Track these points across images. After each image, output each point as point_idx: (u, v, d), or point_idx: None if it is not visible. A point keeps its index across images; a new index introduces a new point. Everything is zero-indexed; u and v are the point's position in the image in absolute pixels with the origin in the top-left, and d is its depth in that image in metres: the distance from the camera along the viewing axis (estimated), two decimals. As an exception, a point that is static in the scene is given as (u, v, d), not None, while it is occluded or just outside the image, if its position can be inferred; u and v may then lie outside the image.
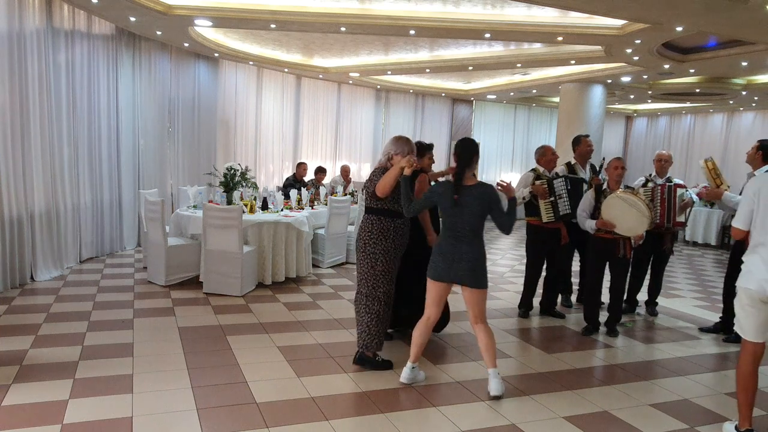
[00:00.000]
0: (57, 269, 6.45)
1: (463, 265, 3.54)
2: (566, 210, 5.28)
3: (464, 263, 3.54)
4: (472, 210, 3.54)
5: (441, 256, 3.62)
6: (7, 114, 5.63)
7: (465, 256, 3.55)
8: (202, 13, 7.14)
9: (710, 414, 3.61)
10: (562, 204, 5.26)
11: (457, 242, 3.58)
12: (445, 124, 14.87)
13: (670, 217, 5.43)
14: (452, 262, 3.57)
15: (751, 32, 6.50)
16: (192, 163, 9.76)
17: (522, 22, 7.21)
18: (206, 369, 3.84)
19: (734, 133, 13.94)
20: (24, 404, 3.20)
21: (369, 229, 3.95)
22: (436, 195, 3.67)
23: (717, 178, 5.00)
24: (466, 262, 3.54)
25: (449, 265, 3.58)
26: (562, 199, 5.26)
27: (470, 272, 3.54)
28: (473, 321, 3.67)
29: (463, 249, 3.56)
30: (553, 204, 5.26)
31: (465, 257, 3.55)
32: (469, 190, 3.58)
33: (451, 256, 3.58)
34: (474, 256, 3.55)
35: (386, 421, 3.23)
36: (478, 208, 3.55)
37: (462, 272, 3.55)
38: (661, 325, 5.69)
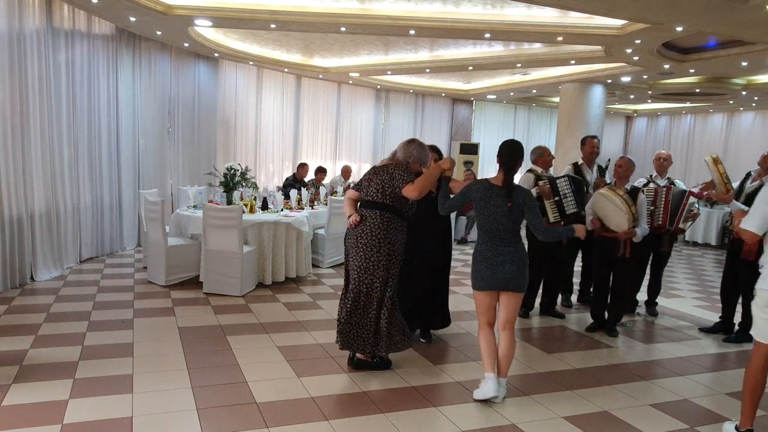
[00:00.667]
0: (57, 269, 6.45)
1: (508, 267, 3.44)
2: (573, 209, 5.22)
3: (508, 266, 3.44)
4: (516, 214, 3.47)
5: (484, 261, 3.50)
6: (7, 114, 5.63)
7: (510, 257, 3.45)
8: (202, 13, 7.14)
9: (710, 414, 3.61)
10: (568, 203, 5.22)
11: (501, 245, 3.48)
12: (445, 124, 14.87)
13: (673, 220, 5.40)
14: (497, 266, 3.46)
15: (751, 32, 6.50)
16: (192, 163, 9.76)
17: (522, 22, 7.21)
18: (206, 369, 3.84)
19: (734, 133, 13.94)
20: (24, 404, 3.20)
21: (384, 227, 3.77)
22: (472, 193, 3.57)
23: (727, 183, 4.93)
24: (511, 264, 3.44)
25: (494, 271, 3.46)
26: (567, 198, 5.23)
27: (518, 272, 3.45)
28: (503, 325, 3.57)
29: (508, 251, 3.47)
30: (558, 204, 5.24)
31: (510, 259, 3.45)
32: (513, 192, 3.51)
33: (495, 260, 3.46)
34: (518, 258, 3.48)
35: (386, 421, 3.23)
36: (519, 212, 3.49)
37: (509, 275, 3.44)
38: (661, 325, 5.69)
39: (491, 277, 3.46)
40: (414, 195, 3.71)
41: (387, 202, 3.81)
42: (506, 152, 3.57)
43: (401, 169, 3.81)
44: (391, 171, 3.83)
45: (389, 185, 3.79)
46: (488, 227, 3.50)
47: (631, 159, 5.12)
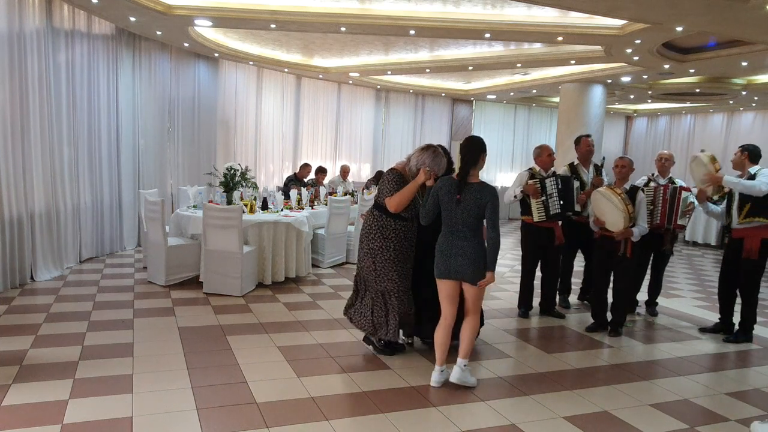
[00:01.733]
0: (57, 269, 6.45)
1: (460, 260, 3.59)
2: (556, 210, 5.29)
3: (460, 258, 3.59)
4: (468, 207, 3.57)
5: (440, 252, 3.68)
6: (7, 114, 5.63)
7: (461, 251, 3.59)
8: (202, 13, 7.14)
9: (710, 414, 3.61)
10: (553, 203, 5.28)
11: (455, 239, 3.61)
12: (445, 124, 14.87)
13: (671, 218, 5.43)
14: (450, 257, 3.62)
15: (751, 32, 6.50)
16: (192, 163, 9.76)
17: (522, 22, 7.21)
18: (206, 369, 3.84)
19: (734, 133, 13.94)
20: (24, 404, 3.20)
21: (370, 223, 4.12)
22: (438, 190, 3.70)
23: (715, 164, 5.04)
24: (462, 257, 3.58)
25: (447, 261, 3.63)
26: (552, 198, 5.28)
27: (470, 266, 3.57)
28: (466, 312, 3.72)
29: (460, 245, 3.60)
30: (544, 203, 5.28)
31: (461, 252, 3.59)
32: (469, 187, 3.61)
33: (449, 251, 3.63)
34: (471, 251, 3.58)
35: (386, 421, 3.23)
36: (474, 207, 3.57)
37: (461, 267, 3.59)
38: (661, 325, 5.69)
39: (445, 266, 3.65)
40: (391, 208, 3.97)
41: (380, 202, 4.11)
42: (464, 147, 3.72)
43: (390, 177, 4.05)
44: (385, 176, 4.11)
45: (381, 189, 4.09)
46: (446, 220, 3.66)
47: (631, 159, 5.14)
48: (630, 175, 5.11)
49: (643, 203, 4.99)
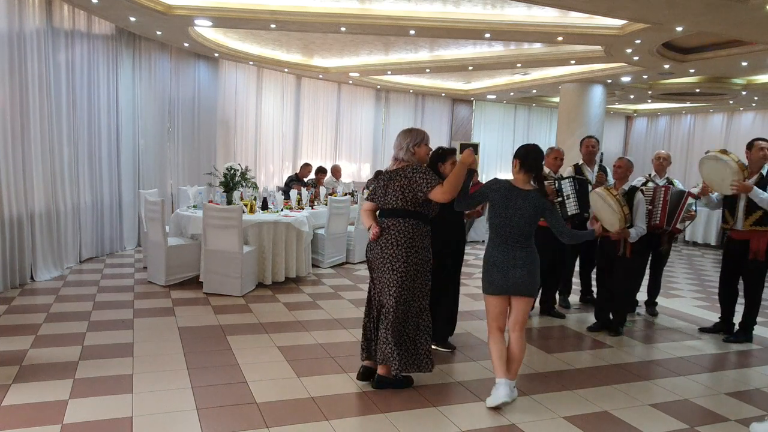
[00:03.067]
0: (57, 269, 6.45)
1: (519, 272, 3.38)
2: (574, 210, 5.23)
3: (519, 270, 3.39)
4: (525, 215, 3.40)
5: (495, 266, 3.43)
6: (7, 114, 5.63)
7: (519, 262, 3.39)
8: (202, 13, 7.14)
9: (710, 414, 3.61)
10: (570, 204, 5.23)
11: (511, 249, 3.42)
12: (445, 124, 14.87)
13: (671, 220, 5.36)
14: (507, 270, 3.40)
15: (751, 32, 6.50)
16: (192, 163, 9.76)
17: (522, 22, 7.21)
18: (206, 369, 3.84)
19: (734, 133, 13.94)
20: (24, 404, 3.20)
21: (410, 234, 3.48)
22: (491, 192, 3.50)
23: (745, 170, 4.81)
24: (521, 268, 3.39)
25: (504, 275, 3.40)
26: (569, 199, 5.23)
27: (529, 277, 3.40)
28: (512, 327, 3.50)
29: (517, 255, 3.40)
30: (561, 204, 5.24)
31: (519, 263, 3.39)
32: (526, 194, 3.45)
33: (505, 264, 3.41)
34: (529, 261, 3.42)
35: (386, 421, 3.23)
36: (532, 214, 3.41)
37: (519, 279, 3.38)
38: (661, 325, 5.69)
39: (503, 281, 3.40)
40: (447, 197, 3.43)
41: (409, 208, 3.50)
42: (532, 155, 3.50)
43: (420, 171, 3.48)
44: (409, 174, 3.48)
45: (409, 190, 3.46)
46: (502, 230, 3.44)
47: (630, 159, 5.13)
48: (629, 175, 5.10)
49: (641, 204, 4.97)
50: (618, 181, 5.07)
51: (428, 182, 3.45)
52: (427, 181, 3.45)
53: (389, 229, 3.53)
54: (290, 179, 9.10)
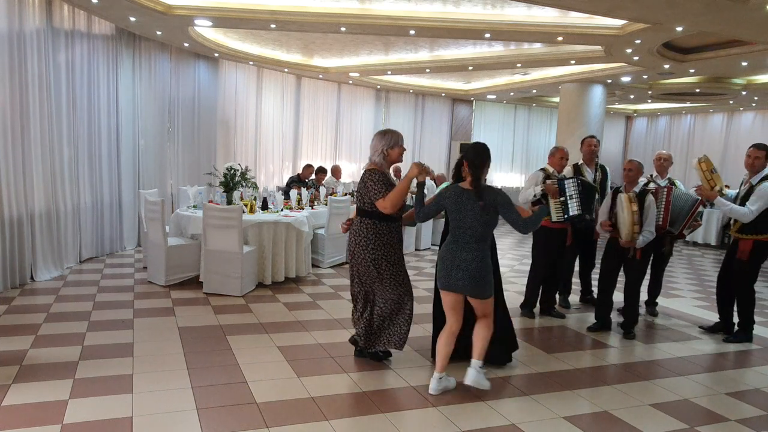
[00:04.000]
0: (57, 269, 6.45)
1: (461, 274, 3.45)
2: (576, 211, 5.15)
3: (462, 272, 3.45)
4: (476, 215, 3.44)
5: (442, 263, 3.57)
6: (7, 114, 5.63)
7: (463, 264, 3.46)
8: (202, 13, 7.15)
9: (710, 414, 3.61)
10: (572, 204, 5.16)
11: (459, 249, 3.49)
12: (445, 124, 14.88)
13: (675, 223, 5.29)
14: (450, 270, 3.50)
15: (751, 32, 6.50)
16: (192, 163, 9.77)
17: (522, 22, 7.22)
18: (206, 369, 3.84)
19: (734, 133, 13.95)
20: (24, 404, 3.20)
21: (365, 234, 3.84)
22: (444, 199, 3.58)
23: (710, 180, 5.00)
24: (464, 270, 3.45)
25: (449, 273, 3.51)
26: (572, 199, 5.15)
27: (470, 281, 3.44)
28: (478, 318, 3.62)
29: (463, 257, 3.47)
30: (563, 204, 5.20)
31: (463, 265, 3.45)
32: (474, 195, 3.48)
33: (450, 263, 3.50)
34: (474, 266, 3.43)
35: (386, 421, 3.23)
36: (484, 214, 3.44)
37: (462, 282, 3.46)
38: (661, 325, 5.69)
39: (446, 278, 3.54)
40: (388, 210, 3.72)
41: (366, 208, 3.85)
42: (472, 154, 3.55)
43: (374, 179, 3.77)
44: (365, 179, 3.83)
45: (364, 193, 3.83)
46: (455, 231, 3.52)
47: (640, 162, 5.10)
48: (639, 178, 5.09)
49: (652, 207, 4.91)
50: (628, 184, 5.05)
51: (376, 191, 3.76)
52: (376, 191, 3.76)
53: (353, 228, 3.95)
54: (291, 180, 9.11)
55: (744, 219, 4.79)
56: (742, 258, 4.95)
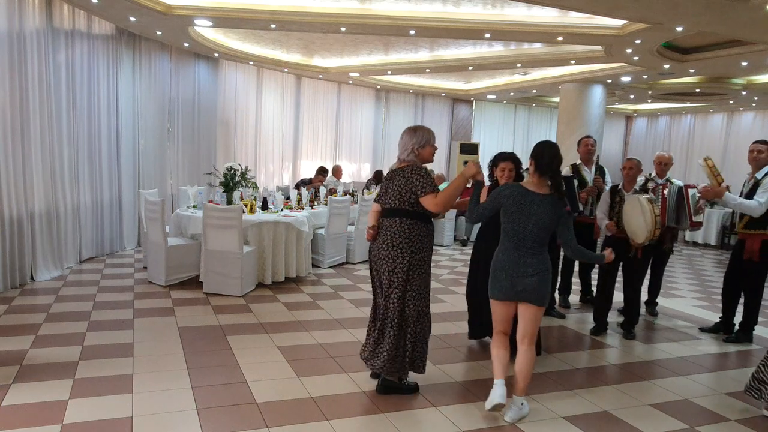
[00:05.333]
0: (57, 269, 6.45)
1: (529, 279, 3.22)
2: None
3: (529, 278, 3.22)
4: (541, 220, 3.23)
5: (504, 271, 3.28)
6: (7, 114, 5.63)
7: (530, 269, 3.23)
8: (202, 13, 7.14)
9: (710, 414, 3.61)
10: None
11: (523, 255, 3.25)
12: (445, 123, 14.87)
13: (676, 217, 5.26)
14: (516, 277, 3.24)
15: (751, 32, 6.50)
16: (192, 163, 9.76)
17: (522, 22, 7.21)
18: (206, 369, 3.84)
19: (734, 133, 13.94)
20: (24, 404, 3.20)
21: (407, 234, 3.43)
22: (503, 198, 3.31)
23: (718, 176, 4.97)
24: (532, 276, 3.22)
25: (513, 281, 3.25)
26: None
27: (539, 285, 3.23)
28: (521, 339, 3.32)
29: (529, 261, 3.24)
30: None
31: (530, 270, 3.23)
32: (543, 198, 3.27)
33: (515, 270, 3.24)
34: (541, 268, 3.25)
35: (386, 421, 3.23)
36: (548, 220, 3.24)
37: (529, 287, 3.22)
38: (661, 325, 5.69)
39: (510, 288, 3.26)
40: (438, 209, 3.40)
41: (406, 208, 3.45)
42: (548, 154, 3.31)
43: (419, 173, 3.44)
44: (407, 175, 3.45)
45: (407, 190, 3.43)
46: (515, 235, 3.26)
47: (639, 160, 5.11)
48: (638, 176, 5.09)
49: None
50: (628, 182, 5.05)
51: (424, 186, 3.41)
52: (423, 185, 3.41)
53: (386, 229, 3.51)
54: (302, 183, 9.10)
55: (754, 213, 4.73)
56: (752, 258, 4.91)
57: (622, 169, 5.13)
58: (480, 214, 3.40)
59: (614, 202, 5.07)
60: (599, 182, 5.70)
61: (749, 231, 4.91)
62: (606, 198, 5.15)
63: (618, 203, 5.04)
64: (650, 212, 4.63)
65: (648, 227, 4.64)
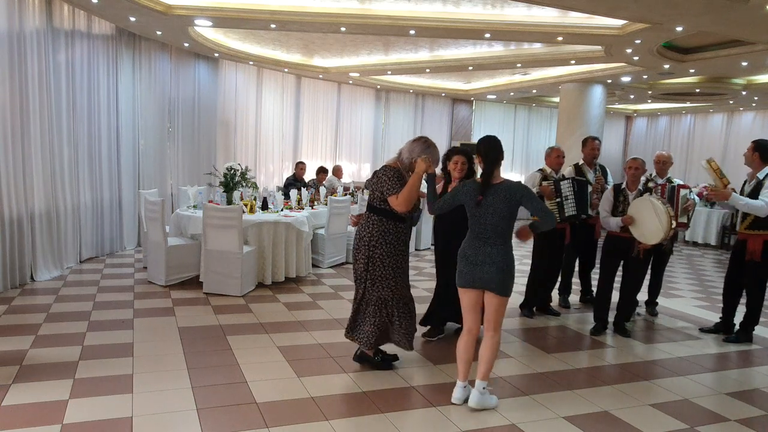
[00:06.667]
0: (57, 269, 6.45)
1: (487, 268, 3.34)
2: (572, 212, 5.27)
3: (488, 266, 3.34)
4: (498, 210, 3.34)
5: (465, 260, 3.43)
6: (7, 114, 5.63)
7: (489, 258, 3.34)
8: (202, 13, 7.14)
9: (710, 414, 3.61)
10: (568, 205, 5.26)
11: (482, 245, 3.37)
12: (445, 123, 14.87)
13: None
14: (476, 266, 3.37)
15: (751, 32, 6.50)
16: (192, 163, 9.76)
17: (522, 22, 7.21)
18: (206, 369, 3.84)
19: (734, 133, 13.94)
20: (24, 404, 3.20)
21: (369, 229, 3.80)
22: (461, 194, 3.49)
23: (723, 178, 4.96)
24: (490, 265, 3.33)
25: (473, 269, 3.38)
26: (568, 200, 5.26)
27: (498, 274, 3.32)
28: (486, 326, 3.44)
29: (488, 251, 3.35)
30: (559, 205, 5.27)
31: (489, 260, 3.34)
32: (494, 188, 3.37)
33: (474, 259, 3.38)
34: (500, 259, 3.34)
35: (386, 421, 3.23)
36: (504, 208, 3.33)
37: (488, 276, 3.34)
38: (661, 325, 5.69)
39: (470, 274, 3.39)
40: (401, 208, 3.65)
41: (376, 205, 3.79)
42: (484, 147, 3.48)
43: (389, 174, 3.73)
44: (380, 174, 3.78)
45: (377, 188, 3.77)
46: (476, 227, 3.42)
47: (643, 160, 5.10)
48: (641, 176, 5.09)
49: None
50: (633, 182, 5.04)
51: (390, 187, 3.70)
52: (390, 186, 3.70)
53: (360, 224, 3.90)
54: (288, 181, 9.07)
55: (761, 212, 4.71)
56: (754, 258, 4.91)
57: (627, 168, 5.09)
58: (439, 208, 3.63)
59: (618, 202, 5.06)
60: (601, 182, 5.71)
61: (752, 231, 4.90)
62: (609, 197, 5.12)
63: (622, 203, 5.03)
64: (665, 213, 4.60)
65: (664, 228, 4.60)
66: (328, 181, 9.86)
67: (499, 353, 4.46)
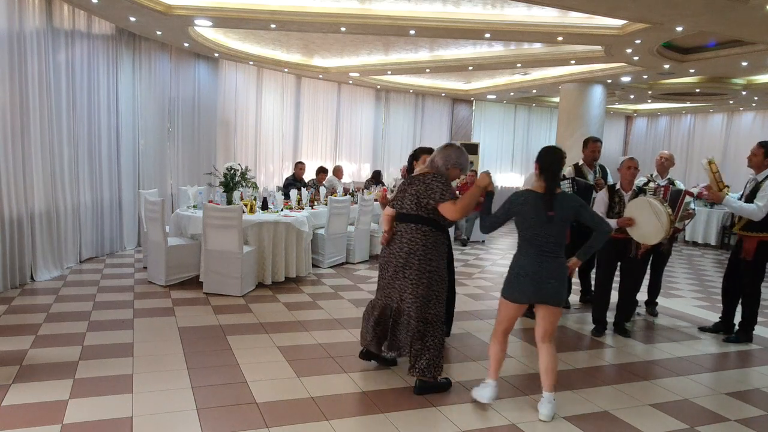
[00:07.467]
0: (57, 269, 6.45)
1: (553, 283, 3.27)
2: None
3: (553, 281, 3.27)
4: (566, 222, 3.30)
5: (527, 277, 3.28)
6: (7, 114, 5.63)
7: (552, 274, 3.27)
8: (202, 13, 7.14)
9: (710, 414, 3.61)
10: None
11: (545, 259, 3.28)
12: (445, 123, 14.87)
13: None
14: (540, 283, 3.27)
15: (751, 32, 6.50)
16: (192, 163, 9.76)
17: (522, 22, 7.21)
18: (206, 369, 3.84)
19: (734, 133, 13.94)
20: (24, 404, 3.20)
21: (423, 242, 3.51)
22: (517, 206, 3.32)
23: (720, 182, 4.99)
24: (555, 280, 3.28)
25: (537, 287, 3.27)
26: None
27: (560, 288, 3.30)
28: (542, 338, 3.40)
29: (550, 267, 3.27)
30: None
31: (553, 275, 3.27)
32: (558, 200, 3.28)
33: (539, 276, 3.26)
34: (561, 272, 3.30)
35: (386, 421, 3.23)
36: (572, 218, 3.32)
37: (552, 290, 3.28)
38: (661, 325, 5.69)
39: (535, 293, 3.28)
40: (455, 216, 3.45)
41: (422, 214, 3.52)
42: (547, 158, 3.36)
43: (440, 181, 3.50)
44: (428, 181, 3.51)
45: (425, 195, 3.49)
46: (536, 240, 3.28)
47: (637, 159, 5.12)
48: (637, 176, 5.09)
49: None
50: (628, 183, 5.04)
51: (443, 193, 3.46)
52: (443, 192, 3.46)
53: (401, 235, 3.59)
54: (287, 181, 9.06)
55: (754, 216, 4.74)
56: (746, 257, 4.94)
57: (626, 168, 5.03)
58: (492, 223, 3.43)
59: (613, 202, 5.04)
60: (601, 183, 5.70)
61: (746, 233, 4.94)
62: (604, 198, 5.09)
63: (618, 203, 5.02)
64: (665, 213, 4.59)
65: (664, 227, 4.59)
66: (328, 181, 9.86)
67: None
